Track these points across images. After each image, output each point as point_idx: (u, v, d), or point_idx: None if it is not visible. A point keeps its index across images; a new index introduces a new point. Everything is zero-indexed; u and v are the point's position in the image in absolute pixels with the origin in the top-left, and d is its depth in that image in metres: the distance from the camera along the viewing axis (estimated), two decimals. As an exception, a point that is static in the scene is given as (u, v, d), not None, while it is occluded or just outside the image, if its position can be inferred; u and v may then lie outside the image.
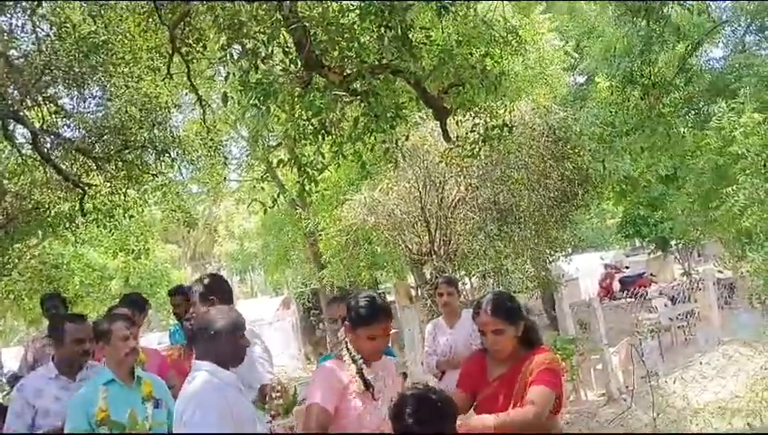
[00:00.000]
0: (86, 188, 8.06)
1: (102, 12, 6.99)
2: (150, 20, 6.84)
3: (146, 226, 13.24)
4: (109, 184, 8.40)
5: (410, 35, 4.71)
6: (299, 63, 4.60)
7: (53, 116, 7.68)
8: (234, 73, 4.69)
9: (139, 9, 6.93)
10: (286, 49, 4.68)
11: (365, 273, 13.61)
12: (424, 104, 5.56)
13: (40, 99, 7.24)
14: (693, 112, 13.76)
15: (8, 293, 12.26)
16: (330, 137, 4.96)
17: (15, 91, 6.88)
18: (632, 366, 8.94)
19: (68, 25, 7.10)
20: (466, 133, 5.90)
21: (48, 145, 7.72)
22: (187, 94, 10.80)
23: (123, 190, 8.44)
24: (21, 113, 6.96)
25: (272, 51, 4.50)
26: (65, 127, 7.95)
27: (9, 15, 6.93)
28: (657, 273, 21.19)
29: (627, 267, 22.86)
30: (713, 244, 20.37)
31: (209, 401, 2.71)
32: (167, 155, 8.06)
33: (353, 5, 4.68)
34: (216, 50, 5.66)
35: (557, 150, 8.93)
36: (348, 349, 2.93)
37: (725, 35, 14.34)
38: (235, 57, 4.60)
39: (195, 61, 7.07)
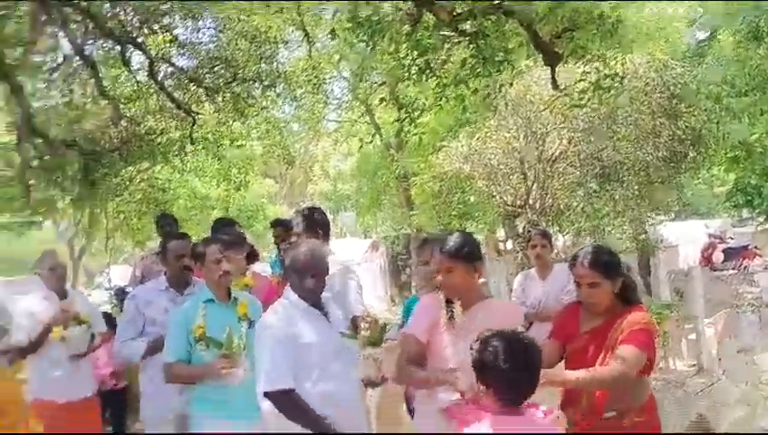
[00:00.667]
0: (196, 117, 8.37)
1: (219, -57, 7.11)
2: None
3: (247, 159, 13.66)
4: (217, 114, 8.69)
5: (526, -25, 4.54)
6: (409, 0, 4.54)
7: (168, 45, 7.96)
8: (343, 10, 4.68)
9: (255, -59, 7.00)
10: (398, -15, 4.62)
11: (455, 222, 13.57)
12: (534, 48, 5.38)
13: (157, 27, 7.51)
14: (824, 75, 12.62)
15: (119, 213, 13.10)
16: (434, 78, 4.90)
17: (135, 19, 7.16)
18: (728, 339, 8.56)
19: (186, -45, 7.29)
20: (575, 82, 5.69)
21: (162, 73, 8.06)
22: (293, 31, 10.94)
23: (230, 122, 8.71)
24: (139, 40, 7.26)
25: (384, -14, 4.45)
26: (179, 56, 8.24)
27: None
28: (764, 247, 19.97)
29: (731, 238, 21.63)
30: (830, 221, 18.93)
31: (272, 331, 2.93)
32: (272, 90, 8.23)
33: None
34: (328, -15, 5.66)
35: (670, 108, 8.47)
36: None
37: None
38: (347, -8, 4.57)
39: (305, -4, 7.10)
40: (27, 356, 4.21)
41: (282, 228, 5.44)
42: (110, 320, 5.08)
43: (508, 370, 2.21)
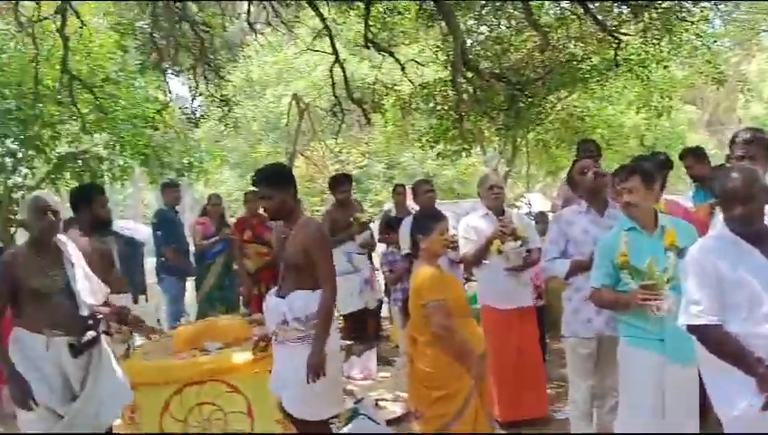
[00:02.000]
0: (620, 38, 8.08)
1: None
2: None
3: (671, 82, 12.70)
4: (643, 34, 8.25)
5: None
6: None
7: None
8: None
9: None
10: None
11: None
12: None
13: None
14: None
15: (538, 141, 13.61)
16: None
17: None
18: None
19: None
20: None
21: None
22: None
23: (657, 41, 8.18)
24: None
25: None
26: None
27: None
28: None
29: None
30: None
31: (695, 263, 2.81)
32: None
33: None
34: None
35: None
36: None
37: None
38: None
39: None
40: (473, 267, 4.79)
41: (693, 159, 5.22)
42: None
43: None
